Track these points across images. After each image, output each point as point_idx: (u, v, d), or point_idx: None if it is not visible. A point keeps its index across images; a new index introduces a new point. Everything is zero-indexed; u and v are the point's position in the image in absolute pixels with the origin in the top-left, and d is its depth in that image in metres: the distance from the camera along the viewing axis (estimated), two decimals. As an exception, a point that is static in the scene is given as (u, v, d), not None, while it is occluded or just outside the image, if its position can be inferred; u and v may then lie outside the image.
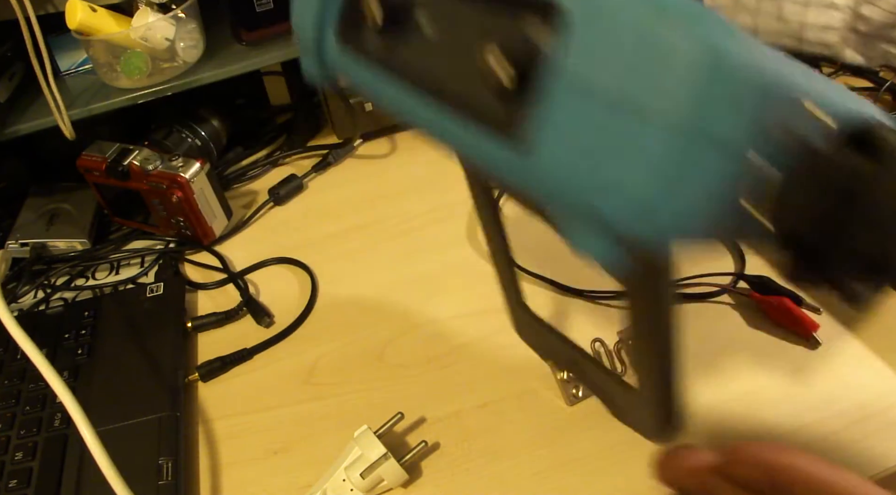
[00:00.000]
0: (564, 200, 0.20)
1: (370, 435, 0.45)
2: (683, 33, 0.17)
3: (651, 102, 0.17)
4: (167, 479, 0.47)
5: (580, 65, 0.19)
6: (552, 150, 0.20)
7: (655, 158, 0.18)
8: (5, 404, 0.55)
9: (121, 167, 0.67)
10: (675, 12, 0.17)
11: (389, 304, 0.60)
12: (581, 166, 0.19)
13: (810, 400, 0.48)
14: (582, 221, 0.20)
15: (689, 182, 0.18)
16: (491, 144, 0.22)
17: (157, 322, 0.60)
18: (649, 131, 0.18)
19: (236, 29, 0.73)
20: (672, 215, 0.18)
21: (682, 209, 0.18)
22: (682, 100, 0.17)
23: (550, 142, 0.20)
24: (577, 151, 0.19)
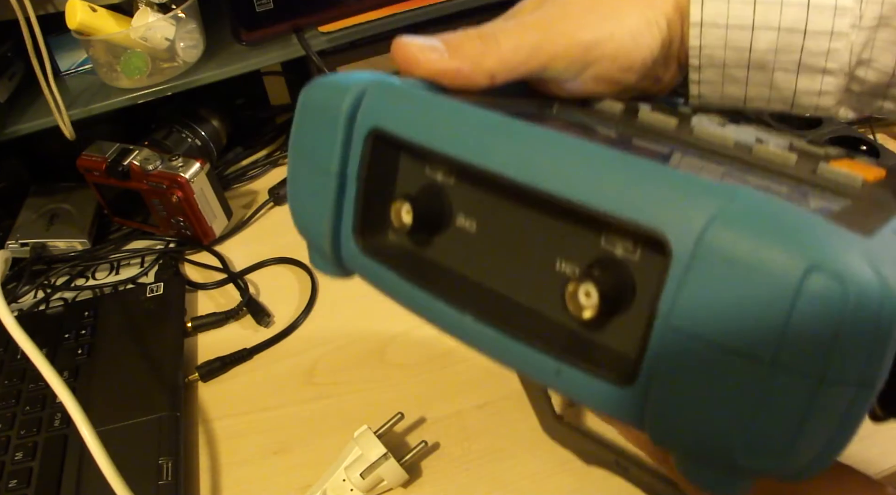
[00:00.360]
0: (676, 440, 0.18)
1: (370, 435, 0.45)
2: (812, 270, 0.15)
3: (783, 349, 0.16)
4: (167, 479, 0.47)
5: (690, 308, 0.17)
6: (659, 391, 0.17)
7: (793, 406, 0.16)
8: (5, 404, 0.55)
9: (121, 167, 0.67)
10: (800, 246, 0.16)
11: (389, 304, 0.60)
12: (696, 413, 0.17)
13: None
14: (695, 458, 0.18)
15: (831, 424, 0.16)
16: (568, 372, 0.19)
17: (157, 322, 0.60)
18: (788, 381, 0.16)
19: (236, 29, 0.73)
20: (818, 462, 0.17)
21: (825, 450, 0.17)
22: (819, 347, 0.16)
23: (657, 386, 0.17)
24: (691, 399, 0.17)
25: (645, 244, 0.19)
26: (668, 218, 0.17)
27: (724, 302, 0.16)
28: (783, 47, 0.33)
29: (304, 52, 0.72)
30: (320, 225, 0.25)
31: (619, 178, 0.18)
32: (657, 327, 0.17)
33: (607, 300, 0.19)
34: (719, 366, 0.16)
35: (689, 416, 0.17)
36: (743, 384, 0.16)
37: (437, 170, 0.24)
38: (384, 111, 0.23)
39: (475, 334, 0.22)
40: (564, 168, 0.19)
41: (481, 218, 0.23)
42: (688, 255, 0.17)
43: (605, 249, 0.20)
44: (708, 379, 0.17)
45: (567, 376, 0.19)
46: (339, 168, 0.24)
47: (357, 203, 0.24)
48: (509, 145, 0.20)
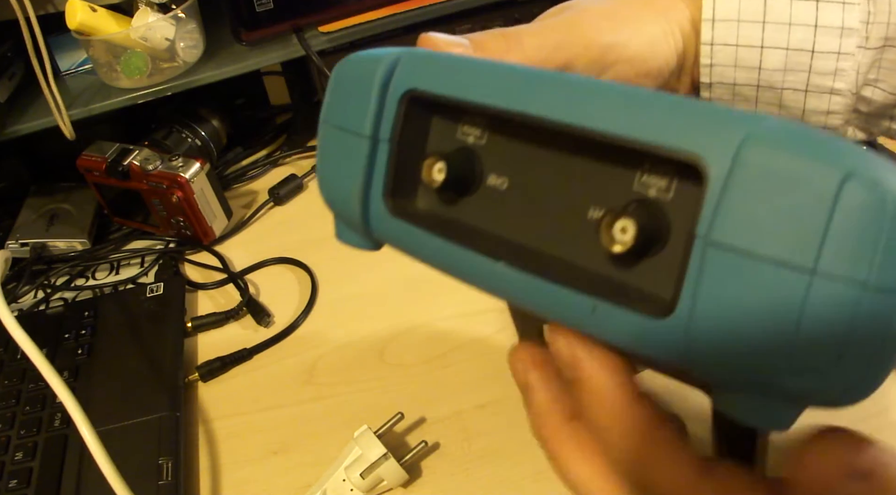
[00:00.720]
0: (720, 369, 0.18)
1: (370, 435, 0.45)
2: (848, 179, 0.16)
3: (824, 256, 0.16)
4: (167, 479, 0.47)
5: (731, 225, 0.17)
6: (702, 318, 0.17)
7: (836, 315, 0.16)
8: (5, 404, 0.55)
9: (121, 167, 0.67)
10: (834, 158, 0.16)
11: (389, 304, 0.60)
12: (740, 332, 0.17)
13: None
14: (737, 387, 0.18)
15: (876, 335, 0.16)
16: (604, 308, 0.20)
17: (157, 322, 0.60)
18: (831, 288, 0.16)
19: (236, 29, 0.73)
20: (862, 377, 0.17)
21: (871, 368, 0.17)
22: (859, 253, 0.16)
23: (698, 308, 0.17)
24: (735, 317, 0.17)
25: (679, 178, 0.19)
26: (704, 141, 0.18)
27: (762, 215, 0.16)
28: (792, 67, 0.33)
29: (304, 52, 0.72)
30: (350, 191, 0.26)
31: (654, 110, 0.19)
32: (696, 248, 0.17)
33: (643, 234, 0.19)
34: (760, 279, 0.16)
35: (732, 338, 0.17)
36: (785, 295, 0.16)
37: (469, 132, 0.24)
38: (419, 74, 0.24)
39: (508, 281, 0.22)
40: (600, 104, 0.20)
41: (513, 174, 0.23)
42: (724, 174, 0.17)
43: (638, 191, 0.20)
44: (750, 294, 0.17)
45: (602, 312, 0.19)
46: (371, 131, 0.25)
47: (389, 165, 0.24)
48: (544, 89, 0.21)
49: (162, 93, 0.70)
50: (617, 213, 0.19)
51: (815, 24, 0.32)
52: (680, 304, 0.18)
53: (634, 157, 0.20)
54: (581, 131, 0.20)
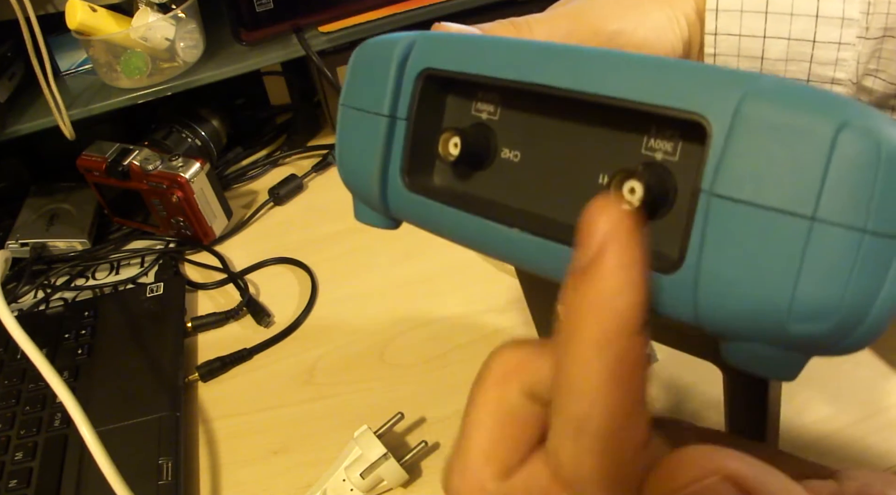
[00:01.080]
0: (728, 320, 0.19)
1: (370, 435, 0.45)
2: (843, 128, 0.16)
3: (834, 208, 0.16)
4: (167, 479, 0.47)
5: (734, 178, 0.18)
6: (711, 271, 0.18)
7: (851, 266, 0.16)
8: (5, 404, 0.55)
9: (121, 167, 0.67)
10: (829, 110, 0.17)
11: (389, 304, 0.60)
12: (754, 285, 0.18)
13: (810, 399, 0.48)
14: (744, 336, 0.19)
15: (877, 279, 0.17)
16: None
17: (157, 322, 0.60)
18: (837, 238, 0.16)
19: (236, 29, 0.73)
20: (870, 323, 0.17)
21: (879, 314, 0.17)
22: (857, 199, 0.16)
23: (707, 262, 0.18)
24: (747, 269, 0.18)
25: (684, 140, 0.20)
26: (705, 99, 0.18)
27: (763, 165, 0.17)
28: (793, 56, 0.33)
29: (304, 52, 0.72)
30: (370, 169, 0.27)
31: (657, 73, 0.20)
32: (700, 202, 0.18)
33: (651, 194, 0.20)
34: (764, 227, 0.17)
35: (737, 288, 0.18)
36: (787, 242, 0.17)
37: (482, 109, 0.25)
38: (434, 53, 0.25)
39: (522, 247, 0.23)
40: (605, 70, 0.21)
41: (525, 146, 0.24)
42: (725, 130, 0.18)
43: (645, 155, 0.21)
44: (753, 243, 0.17)
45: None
46: (390, 110, 0.26)
47: (406, 142, 0.26)
48: (551, 59, 0.22)
49: (162, 93, 0.70)
50: (625, 175, 0.20)
51: (817, 14, 0.32)
52: (687, 258, 0.19)
53: (641, 123, 0.21)
54: (587, 96, 0.21)
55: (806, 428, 0.46)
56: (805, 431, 0.46)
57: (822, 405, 0.47)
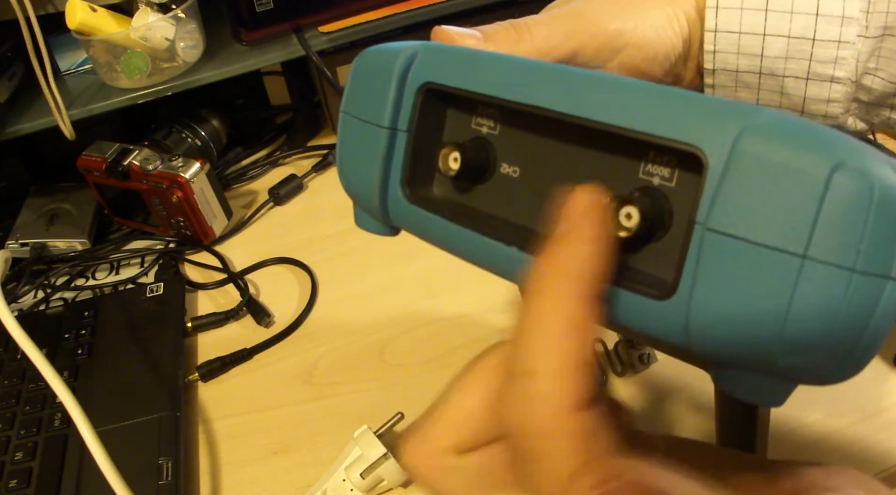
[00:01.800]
0: (717, 347, 0.19)
1: (370, 435, 0.45)
2: (850, 175, 0.17)
3: (824, 246, 0.17)
4: (167, 479, 0.47)
5: (728, 211, 0.18)
6: (700, 300, 0.19)
7: (838, 303, 0.17)
8: (5, 404, 0.55)
9: (121, 167, 0.67)
10: (824, 149, 0.17)
11: (389, 304, 0.60)
12: (737, 314, 0.18)
13: (810, 399, 0.48)
14: (735, 364, 0.19)
15: (874, 317, 0.17)
16: (610, 291, 0.21)
17: (157, 322, 0.60)
18: (821, 272, 0.17)
19: (236, 29, 0.73)
20: (857, 357, 0.18)
21: (867, 345, 0.18)
22: (848, 239, 0.17)
23: (696, 291, 0.19)
24: (731, 300, 0.18)
25: (680, 168, 0.20)
26: (703, 133, 0.19)
27: (758, 202, 0.18)
28: (793, 54, 0.34)
29: (304, 52, 0.72)
30: (370, 179, 0.27)
31: (657, 103, 0.20)
32: (695, 234, 0.19)
33: (647, 219, 0.20)
34: (756, 263, 0.18)
35: (728, 319, 0.18)
36: (778, 278, 0.17)
37: (482, 123, 0.25)
38: (435, 67, 0.25)
39: (519, 265, 0.23)
40: (606, 97, 0.21)
41: (524, 162, 0.24)
42: (722, 164, 0.18)
43: (643, 179, 0.21)
44: (745, 278, 0.18)
45: (609, 295, 0.20)
46: (390, 122, 0.26)
47: (406, 154, 0.26)
48: (555, 83, 0.22)
49: (162, 93, 0.70)
50: (622, 200, 0.20)
51: (816, 12, 0.33)
52: (680, 287, 0.19)
53: (639, 148, 0.21)
54: (588, 123, 0.21)
55: (806, 428, 0.46)
56: (805, 431, 0.46)
57: (822, 405, 0.47)
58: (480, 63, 0.24)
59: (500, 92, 0.23)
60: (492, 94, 0.23)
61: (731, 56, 0.35)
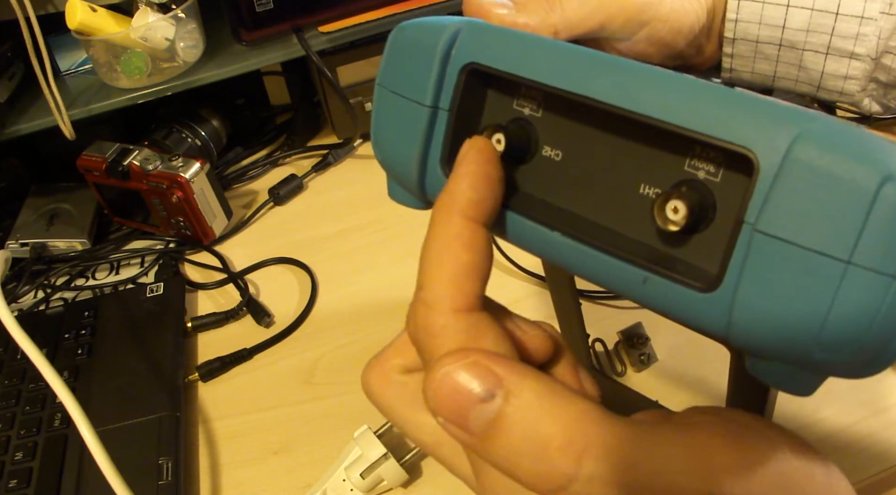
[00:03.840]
0: (755, 340, 0.20)
1: (370, 435, 0.45)
2: (887, 181, 0.17)
3: (866, 254, 0.18)
4: (167, 479, 0.47)
5: (774, 214, 0.19)
6: (743, 294, 0.19)
7: (875, 307, 0.18)
8: (5, 404, 0.55)
9: (121, 167, 0.67)
10: (876, 160, 0.18)
11: (389, 304, 0.60)
12: (779, 311, 0.19)
13: (810, 399, 0.48)
14: (770, 356, 0.20)
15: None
16: (650, 278, 0.21)
17: (157, 322, 0.60)
18: (863, 278, 0.18)
19: (236, 29, 0.73)
20: (888, 356, 0.19)
21: (891, 347, 0.18)
22: (892, 248, 0.17)
23: (738, 285, 0.19)
24: (775, 297, 0.19)
25: (727, 166, 0.21)
26: (757, 136, 0.19)
27: (807, 208, 0.18)
28: (815, 27, 0.34)
29: (304, 52, 0.72)
30: (409, 155, 0.27)
31: (709, 102, 0.20)
32: (743, 234, 0.19)
33: (693, 214, 0.20)
34: (800, 266, 0.18)
35: (770, 317, 0.19)
36: (822, 281, 0.18)
37: (524, 105, 0.26)
38: (480, 48, 0.25)
39: (563, 250, 0.23)
40: (657, 92, 0.21)
41: (567, 147, 0.24)
42: (775, 169, 0.19)
43: (688, 172, 0.21)
44: (789, 278, 0.18)
45: (653, 285, 0.21)
46: (432, 101, 0.26)
47: (447, 133, 0.26)
48: (606, 74, 0.22)
49: (162, 93, 0.70)
50: (669, 194, 0.21)
51: None
52: (725, 282, 0.20)
53: (686, 143, 0.21)
54: (640, 117, 0.21)
55: (807, 429, 0.46)
56: (806, 431, 0.46)
57: (823, 405, 0.47)
58: (529, 47, 0.24)
59: (550, 79, 0.23)
60: (542, 81, 0.23)
61: (753, 26, 0.35)
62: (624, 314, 0.56)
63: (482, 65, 0.25)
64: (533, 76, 0.23)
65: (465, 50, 0.25)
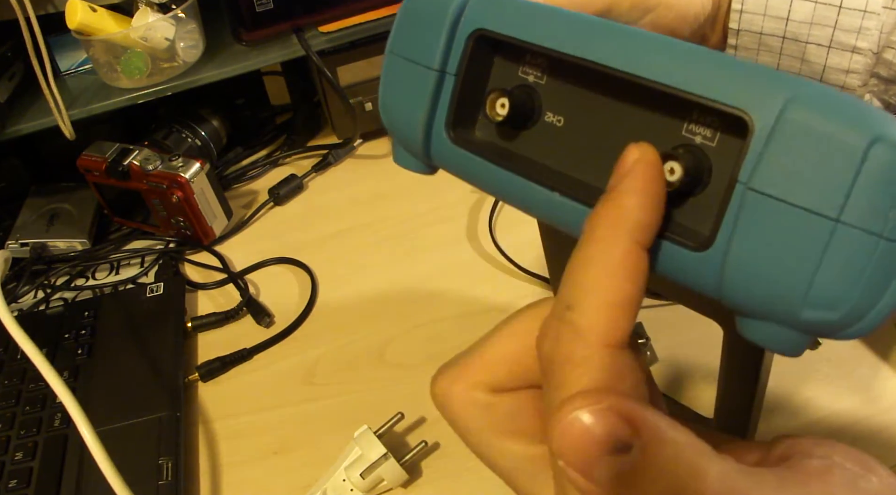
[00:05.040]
0: (745, 299, 0.20)
1: (370, 435, 0.45)
2: (875, 142, 0.18)
3: (855, 212, 0.18)
4: (167, 479, 0.47)
5: (767, 173, 0.19)
6: (735, 253, 0.20)
7: (863, 265, 0.18)
8: (5, 404, 0.55)
9: (121, 167, 0.67)
10: (865, 123, 0.18)
11: (389, 304, 0.60)
12: (773, 272, 0.19)
13: (809, 400, 0.48)
14: (760, 315, 0.20)
15: (886, 280, 0.19)
16: None
17: (157, 322, 0.60)
18: (855, 240, 0.18)
19: (236, 29, 0.73)
20: (877, 313, 0.19)
21: (886, 306, 0.19)
22: (880, 207, 0.18)
23: (732, 245, 0.20)
24: (768, 257, 0.19)
25: (723, 130, 0.21)
26: (752, 99, 0.20)
27: (799, 167, 0.19)
28: (818, 20, 0.34)
29: (304, 52, 0.72)
30: (415, 118, 0.28)
31: (708, 66, 0.21)
32: (736, 193, 0.20)
33: (689, 176, 0.21)
34: (791, 223, 0.19)
35: (761, 273, 0.20)
36: (811, 238, 0.19)
37: (529, 72, 0.26)
38: (489, 15, 0.26)
39: (561, 209, 0.24)
40: (660, 58, 0.22)
41: (569, 113, 0.25)
42: (768, 130, 0.19)
43: (685, 137, 0.22)
44: (780, 237, 0.19)
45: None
46: (440, 65, 0.27)
47: (453, 97, 0.27)
48: (609, 39, 0.23)
49: (162, 93, 0.70)
50: (666, 156, 0.21)
51: None
52: (717, 241, 0.20)
53: (684, 107, 0.22)
54: (641, 80, 0.22)
55: (807, 429, 0.46)
56: (806, 431, 0.46)
57: (823, 405, 0.47)
58: (535, 14, 0.25)
59: (556, 44, 0.24)
60: (548, 45, 0.24)
61: (758, 17, 0.35)
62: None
63: (490, 31, 0.25)
64: (538, 41, 0.24)
65: (474, 16, 0.26)
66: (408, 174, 0.60)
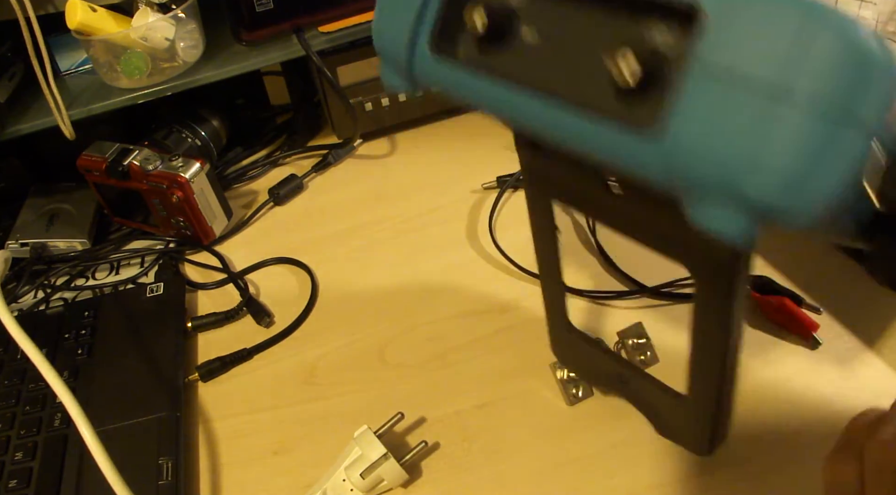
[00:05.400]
0: (696, 179, 0.22)
1: (370, 435, 0.45)
2: (827, 24, 0.19)
3: (797, 86, 0.19)
4: (167, 479, 0.47)
5: (718, 56, 0.20)
6: (689, 136, 0.21)
7: (803, 137, 0.19)
8: (5, 404, 0.55)
9: (121, 167, 0.67)
10: (810, 5, 0.19)
11: (389, 304, 0.60)
12: (721, 149, 0.20)
13: (810, 400, 0.48)
14: (712, 197, 0.22)
15: (832, 158, 0.19)
16: (611, 133, 0.24)
17: (157, 322, 0.60)
18: (795, 113, 0.19)
19: (236, 29, 0.73)
20: (816, 190, 0.20)
21: (824, 183, 0.20)
22: (832, 83, 0.19)
23: (686, 128, 0.21)
24: (717, 135, 0.21)
25: (680, 28, 0.23)
26: None
27: (745, 49, 0.20)
28: None
29: (304, 52, 0.72)
30: (401, 35, 0.30)
31: None
32: (685, 72, 0.21)
33: (645, 69, 0.22)
34: (738, 103, 0.20)
35: (710, 150, 0.21)
36: (755, 116, 0.20)
37: None
38: None
39: (535, 113, 0.26)
40: None
41: (546, 31, 0.27)
42: (716, 16, 0.21)
43: (644, 33, 0.24)
44: (728, 115, 0.20)
45: (608, 136, 0.24)
46: None
47: (438, 14, 0.29)
48: None
49: (162, 93, 0.70)
50: (626, 51, 0.23)
51: None
52: (671, 125, 0.21)
53: (644, 10, 0.24)
54: None
55: (804, 430, 0.46)
56: (803, 433, 0.46)
57: (820, 406, 0.47)
58: None
59: None
60: None
61: None
62: (624, 314, 0.56)
63: None
64: None
65: None
66: (408, 174, 0.61)
